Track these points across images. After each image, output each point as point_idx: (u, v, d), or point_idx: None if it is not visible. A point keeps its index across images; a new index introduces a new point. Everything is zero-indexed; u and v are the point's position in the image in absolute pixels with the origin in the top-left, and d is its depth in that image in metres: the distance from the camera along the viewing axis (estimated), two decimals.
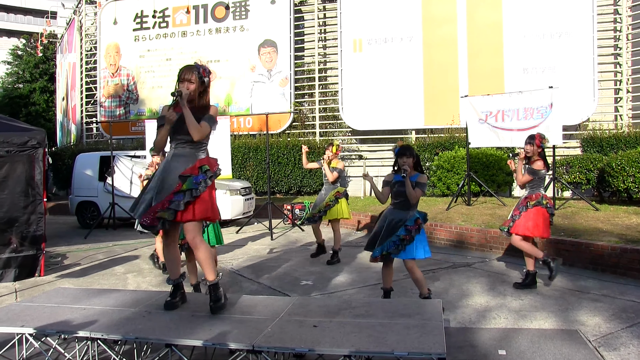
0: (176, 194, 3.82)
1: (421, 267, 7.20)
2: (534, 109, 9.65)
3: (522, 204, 6.05)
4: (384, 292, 5.29)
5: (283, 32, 17.35)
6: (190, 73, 3.99)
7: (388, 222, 5.05)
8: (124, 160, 12.77)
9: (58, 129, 25.77)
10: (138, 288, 6.62)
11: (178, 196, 3.82)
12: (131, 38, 19.38)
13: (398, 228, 4.96)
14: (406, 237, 4.93)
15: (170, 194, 3.83)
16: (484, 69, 14.92)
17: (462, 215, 9.66)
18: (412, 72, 15.57)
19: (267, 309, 4.07)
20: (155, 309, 4.12)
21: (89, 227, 11.98)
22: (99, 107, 20.14)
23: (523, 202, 6.06)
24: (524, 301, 5.57)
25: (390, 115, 15.63)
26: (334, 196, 7.66)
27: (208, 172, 3.94)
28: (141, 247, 9.68)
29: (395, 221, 5.01)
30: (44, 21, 28.32)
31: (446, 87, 15.15)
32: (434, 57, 15.43)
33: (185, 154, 3.98)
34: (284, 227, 11.84)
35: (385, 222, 5.08)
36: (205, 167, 3.96)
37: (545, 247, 7.27)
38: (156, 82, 18.97)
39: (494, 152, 12.45)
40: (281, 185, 15.75)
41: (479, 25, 15.17)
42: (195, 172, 3.89)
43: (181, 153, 3.99)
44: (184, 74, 4.00)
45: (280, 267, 7.63)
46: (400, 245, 4.93)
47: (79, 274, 7.56)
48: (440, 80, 15.31)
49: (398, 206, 5.09)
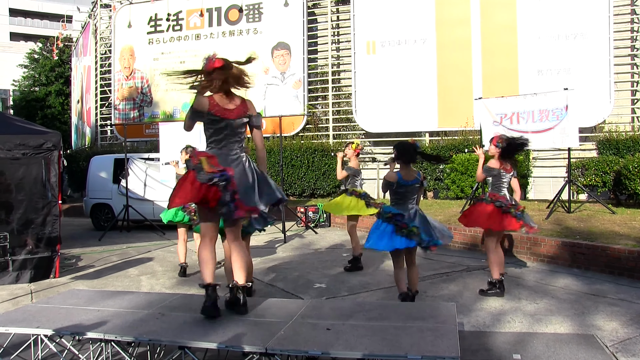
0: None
1: (434, 270, 7.20)
2: (549, 111, 9.58)
3: None
4: (403, 298, 5.11)
5: (296, 35, 17.37)
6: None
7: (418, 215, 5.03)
8: (138, 162, 12.86)
9: (73, 132, 26.03)
10: (151, 290, 6.65)
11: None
12: (145, 41, 19.52)
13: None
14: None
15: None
16: (498, 70, 14.83)
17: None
18: (425, 74, 15.52)
19: (280, 311, 4.08)
20: (168, 311, 4.14)
21: (103, 229, 12.06)
22: (114, 109, 20.30)
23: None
24: (539, 305, 5.52)
25: (403, 118, 15.59)
26: (359, 193, 7.43)
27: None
28: (155, 249, 9.73)
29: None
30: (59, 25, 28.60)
31: (460, 89, 15.08)
32: (447, 59, 15.36)
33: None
34: (297, 230, 11.85)
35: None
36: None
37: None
38: (170, 85, 19.07)
39: None
40: (294, 188, 15.75)
41: (493, 27, 15.07)
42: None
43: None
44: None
45: (293, 269, 7.63)
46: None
47: (93, 275, 7.62)
48: (454, 82, 15.24)
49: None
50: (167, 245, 10.21)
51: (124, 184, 12.31)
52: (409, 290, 5.12)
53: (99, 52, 21.29)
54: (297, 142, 16.13)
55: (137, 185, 12.55)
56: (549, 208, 9.60)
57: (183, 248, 7.38)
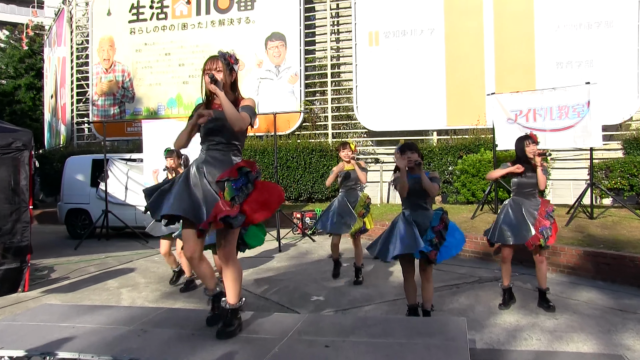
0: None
1: (443, 282, 7.18)
2: (570, 107, 9.58)
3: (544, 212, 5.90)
4: (410, 311, 5.20)
5: (292, 25, 17.40)
6: (214, 62, 3.88)
7: (415, 222, 4.95)
8: (118, 164, 12.83)
9: (46, 130, 25.97)
10: (133, 304, 6.62)
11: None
12: (126, 31, 19.53)
13: (425, 231, 4.92)
14: (437, 239, 4.89)
15: (215, 206, 3.68)
16: (513, 63, 14.85)
17: (489, 225, 9.58)
18: (433, 68, 15.54)
19: (274, 327, 4.06)
20: (151, 327, 4.12)
21: (80, 237, 12.02)
22: (92, 105, 20.29)
23: (543, 209, 5.91)
24: (559, 321, 5.50)
25: (409, 115, 15.61)
26: (366, 203, 7.39)
27: (250, 175, 3.78)
28: (137, 259, 9.70)
29: (421, 223, 4.96)
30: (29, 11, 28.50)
31: (471, 84, 15.10)
32: (457, 50, 15.39)
33: (219, 158, 3.86)
34: (293, 237, 11.83)
35: (408, 223, 4.96)
36: (244, 169, 3.78)
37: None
38: (154, 78, 19.09)
39: None
40: (290, 192, 15.74)
41: (507, 15, 15.10)
42: (234, 175, 3.75)
43: (214, 156, 3.86)
44: (207, 64, 3.89)
45: (289, 281, 7.61)
46: (435, 249, 4.88)
47: (68, 288, 7.57)
48: (464, 76, 15.26)
49: (415, 207, 5.05)
50: (150, 254, 10.18)
51: (102, 188, 12.29)
52: (419, 304, 5.16)
53: (75, 42, 21.27)
54: (293, 141, 16.13)
55: (117, 189, 12.52)
56: (569, 214, 9.60)
57: (171, 257, 7.46)
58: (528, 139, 5.94)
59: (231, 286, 3.91)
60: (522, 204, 5.90)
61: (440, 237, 4.91)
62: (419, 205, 5.05)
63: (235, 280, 3.91)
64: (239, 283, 3.94)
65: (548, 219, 5.81)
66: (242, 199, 3.69)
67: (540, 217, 5.81)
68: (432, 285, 5.20)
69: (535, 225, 5.76)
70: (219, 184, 3.74)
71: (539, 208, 5.86)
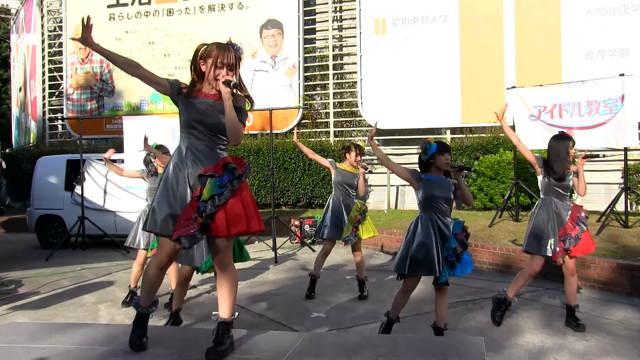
0: (199, 202, 3.65)
1: (458, 297, 7.17)
2: (600, 102, 9.57)
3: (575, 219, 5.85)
4: (388, 323, 5.33)
5: (290, 11, 17.42)
6: (231, 56, 3.80)
7: (439, 231, 4.98)
8: (96, 165, 12.83)
9: (14, 126, 25.96)
10: (112, 321, 6.61)
11: (201, 205, 3.65)
12: (105, 16, 19.51)
13: (447, 239, 4.94)
14: (461, 247, 4.95)
15: (192, 200, 3.67)
16: (537, 53, 14.85)
17: (509, 233, 9.58)
18: (446, 59, 15.56)
19: (270, 346, 4.04)
20: None
21: (52, 247, 11.99)
22: (66, 99, 20.29)
23: (575, 214, 5.85)
24: (590, 342, 5.48)
25: (419, 111, 15.62)
26: (362, 209, 7.42)
27: (235, 172, 3.73)
28: (116, 272, 9.69)
29: (445, 229, 5.00)
30: None
31: (489, 77, 15.11)
32: (473, 39, 15.40)
33: (203, 151, 3.82)
34: (291, 247, 11.83)
35: (435, 233, 4.98)
36: (230, 164, 3.75)
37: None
38: None
39: None
40: (288, 196, 15.75)
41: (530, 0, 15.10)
42: (219, 171, 3.71)
43: (198, 149, 3.83)
44: (223, 56, 3.78)
45: (286, 295, 7.61)
46: (456, 259, 4.92)
47: (38, 304, 7.55)
48: (481, 68, 15.27)
49: (439, 212, 5.06)
50: (131, 266, 10.14)
51: (78, 192, 12.27)
52: (398, 319, 5.31)
53: (47, 29, 21.25)
54: (290, 140, 16.12)
55: (95, 193, 12.52)
56: (600, 221, 9.59)
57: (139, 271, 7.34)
58: (570, 139, 5.89)
59: (226, 297, 3.87)
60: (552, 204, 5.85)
61: (463, 246, 4.97)
62: (446, 213, 5.10)
63: (230, 290, 3.88)
64: (234, 294, 3.91)
65: (579, 226, 5.76)
66: (223, 200, 3.66)
67: (571, 221, 5.77)
68: (446, 301, 5.21)
69: (559, 231, 5.73)
70: (201, 179, 3.71)
71: (570, 212, 5.81)
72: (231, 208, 3.69)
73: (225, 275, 3.87)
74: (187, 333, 4.49)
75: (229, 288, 3.88)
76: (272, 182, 11.69)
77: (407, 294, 5.21)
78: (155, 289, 4.04)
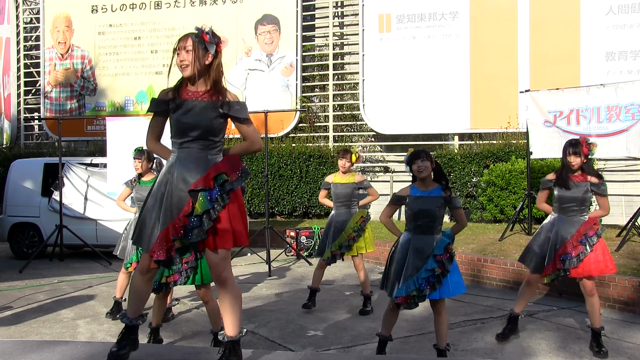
0: (191, 218, 3.70)
1: (466, 316, 7.17)
2: (622, 107, 9.59)
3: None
4: (380, 342, 5.40)
5: (288, 5, 17.43)
6: (185, 39, 3.88)
7: (413, 250, 5.08)
8: (76, 169, 12.80)
9: None
10: (92, 338, 6.60)
11: (194, 221, 3.69)
12: (87, 8, 19.46)
13: (426, 258, 5.00)
14: (440, 269, 4.96)
15: (181, 214, 3.72)
16: (553, 54, 14.87)
17: (521, 248, 9.51)
18: (455, 59, 15.59)
19: None
20: None
21: (27, 258, 11.89)
22: (43, 98, 20.19)
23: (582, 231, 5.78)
24: None
25: (425, 116, 15.64)
26: (358, 223, 7.45)
27: (225, 185, 3.79)
28: (97, 285, 9.67)
29: (422, 249, 5.05)
30: None
31: (501, 79, 15.13)
32: (484, 38, 15.43)
33: (193, 159, 3.85)
34: (286, 260, 11.82)
35: (408, 251, 5.11)
36: (221, 177, 3.79)
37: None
38: (121, 67, 19.10)
39: None
40: (283, 205, 15.75)
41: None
42: (209, 185, 3.75)
43: (188, 156, 3.86)
44: (178, 42, 3.90)
45: (281, 312, 7.61)
46: (437, 281, 4.96)
47: (11, 320, 7.51)
48: (492, 69, 15.29)
49: (419, 230, 5.14)
50: (113, 278, 10.13)
51: (56, 198, 12.25)
52: (390, 337, 5.42)
53: (22, 20, 21.06)
54: (287, 145, 16.14)
55: (74, 200, 12.49)
56: (620, 236, 9.60)
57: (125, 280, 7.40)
58: (574, 145, 5.84)
59: (229, 312, 3.88)
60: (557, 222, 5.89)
61: (443, 269, 4.98)
62: (425, 227, 5.14)
63: (234, 305, 3.88)
64: (238, 309, 3.91)
65: (583, 245, 5.68)
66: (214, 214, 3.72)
67: (573, 240, 5.72)
68: (445, 319, 5.23)
69: (559, 250, 5.74)
70: (192, 194, 3.74)
71: (578, 228, 5.78)
72: (218, 222, 3.76)
73: (226, 290, 3.87)
74: (176, 352, 4.49)
75: (232, 303, 3.88)
76: (266, 189, 11.70)
77: (394, 311, 5.30)
78: (143, 298, 4.05)
